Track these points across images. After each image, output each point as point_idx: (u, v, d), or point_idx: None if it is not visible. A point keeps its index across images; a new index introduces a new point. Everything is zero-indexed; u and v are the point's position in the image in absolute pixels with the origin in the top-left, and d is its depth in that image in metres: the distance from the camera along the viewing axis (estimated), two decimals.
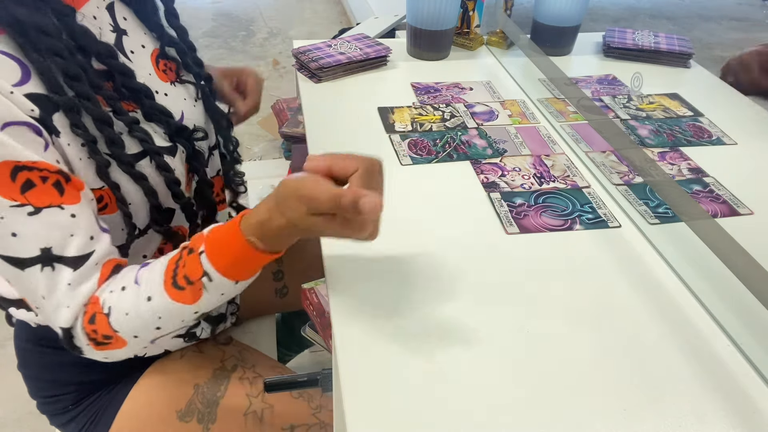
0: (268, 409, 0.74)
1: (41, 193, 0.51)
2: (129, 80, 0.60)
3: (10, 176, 0.49)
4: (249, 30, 3.39)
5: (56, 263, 0.52)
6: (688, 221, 0.66)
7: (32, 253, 0.51)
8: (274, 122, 2.13)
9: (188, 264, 0.53)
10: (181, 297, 0.53)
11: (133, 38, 0.64)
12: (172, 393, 0.72)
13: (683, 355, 0.55)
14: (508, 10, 1.18)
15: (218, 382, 0.74)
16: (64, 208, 0.52)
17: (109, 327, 0.54)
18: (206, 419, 0.71)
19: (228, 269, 0.52)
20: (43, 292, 0.53)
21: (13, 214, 0.50)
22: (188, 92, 0.70)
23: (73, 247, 0.53)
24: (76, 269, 0.53)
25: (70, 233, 0.52)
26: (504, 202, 0.74)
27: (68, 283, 0.53)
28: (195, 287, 0.53)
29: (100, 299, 0.54)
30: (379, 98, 0.97)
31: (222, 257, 0.52)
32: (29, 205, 0.50)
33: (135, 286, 0.54)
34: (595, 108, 0.95)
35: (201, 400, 0.72)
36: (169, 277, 0.53)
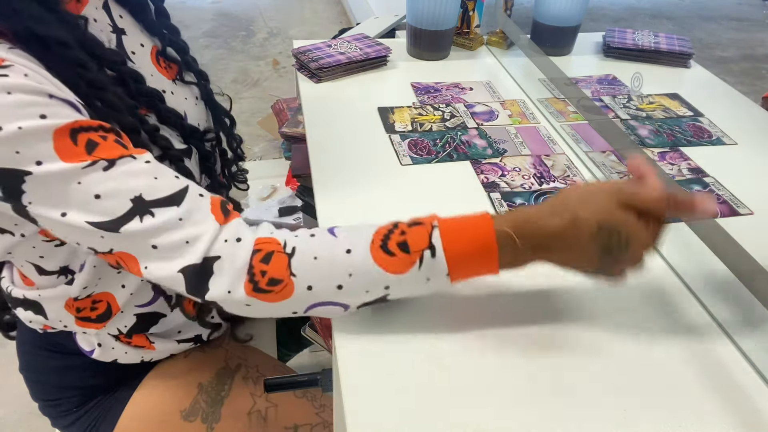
0: (272, 408, 0.74)
1: (108, 148, 0.48)
2: (141, 85, 0.59)
3: (71, 139, 0.47)
4: (249, 30, 3.39)
5: (153, 208, 0.48)
6: (688, 221, 0.66)
7: (124, 207, 0.48)
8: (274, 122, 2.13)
9: (411, 233, 0.50)
10: (386, 262, 0.49)
11: (132, 37, 0.63)
12: (176, 393, 0.72)
13: (683, 355, 0.55)
14: (508, 10, 1.18)
15: (222, 381, 0.74)
16: (135, 157, 0.49)
17: (286, 269, 0.49)
18: (210, 419, 0.71)
19: (456, 255, 0.49)
20: (153, 241, 0.48)
21: (88, 175, 0.47)
22: (190, 91, 0.69)
23: (164, 188, 0.49)
24: (180, 205, 0.49)
25: (153, 177, 0.49)
26: (504, 202, 0.74)
27: (179, 219, 0.49)
28: (409, 258, 0.49)
29: (280, 238, 0.50)
30: (379, 98, 0.97)
31: (457, 241, 0.49)
32: (102, 160, 0.47)
33: (329, 236, 0.51)
34: (595, 108, 0.95)
35: (205, 400, 0.72)
36: (379, 239, 0.50)
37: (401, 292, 0.52)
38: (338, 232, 0.52)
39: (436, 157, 0.82)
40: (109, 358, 0.70)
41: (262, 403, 0.73)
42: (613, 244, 0.49)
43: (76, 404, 0.73)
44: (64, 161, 0.46)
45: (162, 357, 0.74)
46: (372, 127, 0.89)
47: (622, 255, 0.49)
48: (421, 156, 0.83)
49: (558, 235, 0.49)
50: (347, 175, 0.78)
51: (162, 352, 0.73)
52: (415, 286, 0.51)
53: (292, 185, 2.00)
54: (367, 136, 0.87)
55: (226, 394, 0.73)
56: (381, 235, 0.50)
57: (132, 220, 0.48)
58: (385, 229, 0.51)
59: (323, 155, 0.82)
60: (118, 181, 0.48)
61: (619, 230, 0.48)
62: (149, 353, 0.72)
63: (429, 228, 0.50)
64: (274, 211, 1.94)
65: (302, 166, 1.36)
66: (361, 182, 0.77)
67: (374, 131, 0.88)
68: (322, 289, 0.50)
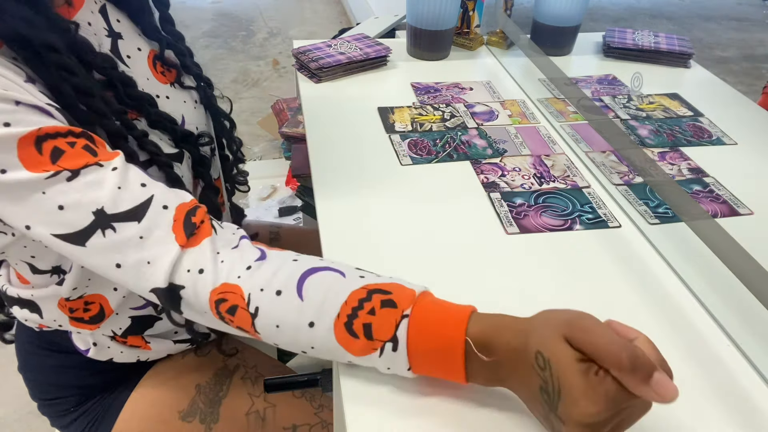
0: (270, 408, 0.74)
1: (73, 157, 0.47)
2: (131, 90, 0.58)
3: (35, 148, 0.46)
4: (249, 30, 3.39)
5: (114, 222, 0.47)
6: (688, 221, 0.66)
7: (87, 220, 0.47)
8: (274, 122, 2.13)
9: (379, 317, 0.45)
10: (347, 342, 0.46)
11: (128, 42, 0.62)
12: (174, 393, 0.72)
13: (683, 355, 0.55)
14: (508, 10, 1.18)
15: (220, 381, 0.74)
16: (102, 164, 0.48)
17: (251, 326, 0.48)
18: (209, 419, 0.71)
19: (420, 356, 0.45)
20: (117, 260, 0.48)
21: (52, 185, 0.46)
22: (189, 95, 0.69)
23: (127, 200, 0.48)
24: (141, 220, 0.48)
25: (117, 186, 0.48)
26: (504, 202, 0.74)
27: (139, 237, 0.47)
28: (371, 345, 0.45)
29: (244, 291, 0.48)
30: (379, 98, 0.97)
31: (422, 342, 0.44)
32: (65, 170, 0.46)
33: (297, 299, 0.47)
34: (595, 108, 0.95)
35: (203, 400, 0.72)
36: (346, 315, 0.46)
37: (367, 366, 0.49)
38: (307, 290, 0.47)
39: (436, 157, 0.82)
40: (105, 357, 0.70)
41: (261, 404, 0.73)
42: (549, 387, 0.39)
43: (74, 404, 0.73)
44: (29, 170, 0.45)
45: (158, 357, 0.74)
46: (372, 127, 0.89)
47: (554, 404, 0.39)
48: (421, 156, 0.83)
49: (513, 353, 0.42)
50: (347, 175, 0.78)
51: (158, 352, 0.73)
52: (377, 367, 0.48)
53: (292, 185, 2.00)
54: (367, 136, 0.87)
55: (224, 395, 0.73)
56: (350, 309, 0.46)
57: (94, 234, 0.47)
58: (356, 301, 0.46)
59: (323, 155, 0.82)
60: (81, 193, 0.47)
61: (551, 366, 0.39)
62: (145, 353, 0.72)
63: (398, 317, 0.45)
64: (274, 211, 1.94)
65: (302, 166, 1.36)
66: (361, 182, 0.77)
67: (374, 131, 0.88)
68: (288, 348, 0.49)
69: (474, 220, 0.71)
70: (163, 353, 0.74)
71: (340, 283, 0.48)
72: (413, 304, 0.45)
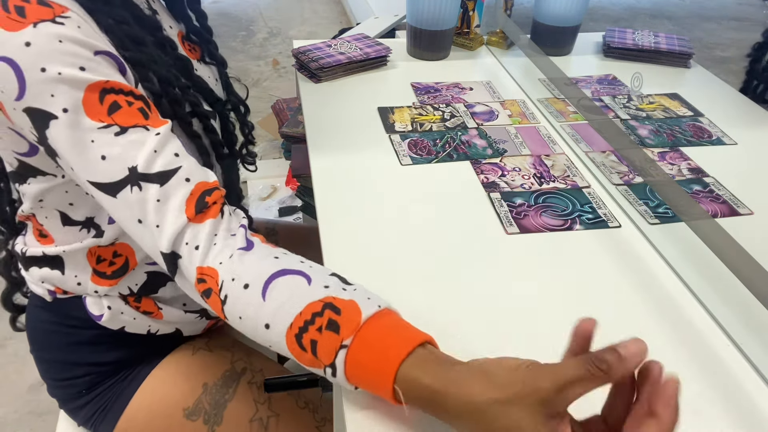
0: (274, 417, 0.74)
1: (127, 114, 0.51)
2: (174, 51, 0.64)
3: (98, 98, 0.50)
4: (249, 30, 3.39)
5: (143, 181, 0.51)
6: (688, 221, 0.66)
7: (121, 174, 0.51)
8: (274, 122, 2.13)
9: (324, 338, 0.46)
10: (297, 353, 0.48)
11: (162, 18, 0.68)
12: (181, 390, 0.72)
13: (683, 355, 0.55)
14: (508, 10, 1.18)
15: (227, 384, 0.74)
16: (149, 129, 0.52)
17: (221, 311, 0.51)
18: (212, 420, 0.72)
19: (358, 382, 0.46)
20: (138, 215, 0.52)
21: (101, 135, 0.50)
22: (211, 72, 0.74)
23: (158, 164, 0.52)
24: (162, 185, 0.52)
25: (153, 150, 0.52)
26: (504, 202, 0.74)
27: (156, 200, 0.51)
28: (316, 362, 0.47)
29: (219, 278, 0.50)
30: (379, 98, 0.97)
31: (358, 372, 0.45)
32: (116, 125, 0.51)
33: (259, 298, 0.49)
34: (595, 108, 0.95)
35: (209, 401, 0.72)
36: (297, 326, 0.47)
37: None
38: (271, 292, 0.49)
39: (436, 157, 0.82)
40: (117, 326, 0.70)
41: (264, 412, 0.74)
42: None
43: (86, 386, 0.73)
44: (87, 116, 0.50)
45: (168, 330, 0.74)
46: (372, 127, 0.89)
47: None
48: (421, 156, 0.83)
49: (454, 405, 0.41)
50: (347, 175, 0.78)
51: (169, 324, 0.73)
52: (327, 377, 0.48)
53: (292, 185, 2.00)
54: (367, 136, 0.87)
55: (230, 398, 0.73)
56: (302, 321, 0.47)
57: (125, 188, 0.51)
58: (309, 314, 0.47)
59: (323, 155, 0.82)
60: (124, 148, 0.51)
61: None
62: (156, 323, 0.72)
63: (338, 345, 0.45)
64: (274, 211, 1.94)
65: (302, 166, 1.36)
66: (361, 182, 0.77)
67: (374, 131, 0.88)
68: (252, 337, 0.51)
69: (474, 220, 0.71)
70: (173, 326, 0.74)
71: (302, 290, 0.49)
72: (355, 333, 0.45)
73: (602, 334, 0.57)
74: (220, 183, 0.65)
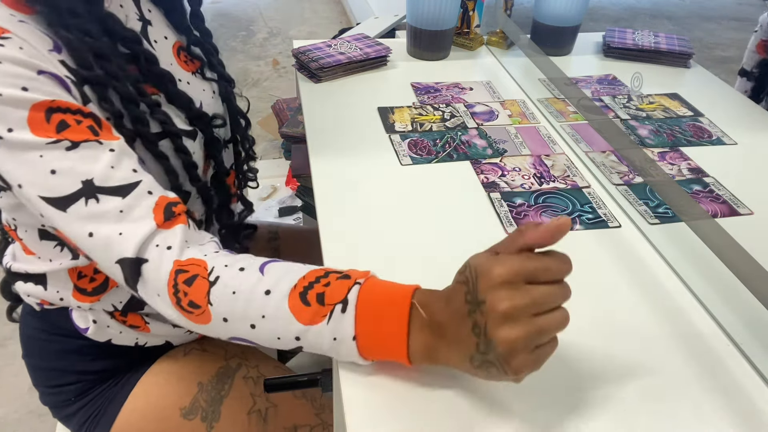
0: (272, 408, 0.74)
1: (77, 131, 0.50)
2: (153, 66, 0.61)
3: (44, 117, 0.49)
4: (249, 30, 3.39)
5: (100, 194, 0.50)
6: (688, 221, 0.66)
7: (73, 187, 0.50)
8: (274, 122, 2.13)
9: (333, 286, 0.47)
10: (299, 311, 0.47)
11: (157, 29, 0.66)
12: (176, 391, 0.72)
13: (683, 355, 0.55)
14: (508, 10, 1.18)
15: (222, 380, 0.74)
16: (102, 143, 0.51)
17: (205, 296, 0.49)
18: (210, 417, 0.71)
19: (366, 314, 0.46)
20: (90, 228, 0.50)
21: (50, 150, 0.49)
22: (209, 86, 0.72)
23: (116, 178, 0.51)
24: (125, 197, 0.51)
25: (110, 165, 0.51)
26: (504, 202, 0.74)
27: (119, 211, 0.50)
28: (322, 310, 0.47)
29: (208, 264, 0.50)
30: (379, 98, 0.97)
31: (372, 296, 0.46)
32: (66, 140, 0.50)
33: (258, 273, 0.49)
34: (595, 108, 0.95)
35: (205, 399, 0.72)
36: (302, 286, 0.48)
37: (312, 348, 0.49)
38: (269, 269, 0.50)
39: (436, 157, 0.82)
40: (104, 338, 0.70)
41: (262, 403, 0.73)
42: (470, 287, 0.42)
43: (76, 393, 0.73)
44: (33, 133, 0.49)
45: (157, 343, 0.74)
46: (372, 127, 0.89)
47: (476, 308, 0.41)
48: (421, 156, 0.83)
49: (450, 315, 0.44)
50: (347, 175, 0.78)
51: (157, 337, 0.73)
52: (323, 343, 0.47)
53: (292, 185, 2.00)
54: (367, 136, 0.87)
55: (226, 393, 0.73)
56: (307, 281, 0.48)
57: (77, 201, 0.50)
58: (314, 276, 0.49)
59: (323, 155, 0.82)
60: (76, 162, 0.50)
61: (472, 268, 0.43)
62: (144, 336, 0.72)
63: (351, 284, 0.47)
64: (274, 211, 1.94)
65: (302, 166, 1.36)
66: (361, 182, 0.77)
67: (374, 131, 0.88)
68: (236, 325, 0.49)
69: (474, 220, 0.71)
70: (162, 338, 0.74)
71: (300, 266, 0.51)
72: (367, 277, 0.48)
73: (602, 334, 0.57)
74: (198, 206, 0.66)
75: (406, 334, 0.45)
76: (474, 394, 0.50)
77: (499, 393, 0.50)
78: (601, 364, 0.54)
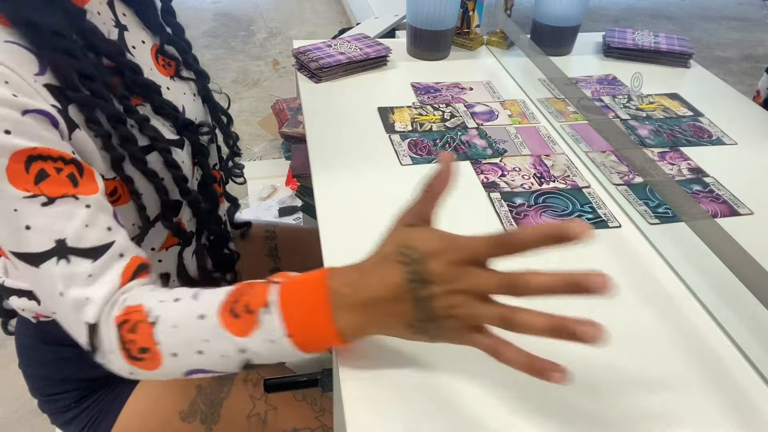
0: (272, 411, 0.74)
1: (55, 183, 0.49)
2: (137, 76, 0.60)
3: (24, 167, 0.48)
4: (249, 30, 3.39)
5: (72, 255, 0.49)
6: (688, 221, 0.66)
7: (46, 246, 0.49)
8: (274, 122, 2.13)
9: (254, 292, 0.48)
10: (232, 325, 0.47)
11: (133, 34, 0.65)
12: (175, 393, 0.72)
13: (683, 355, 0.55)
14: (508, 10, 1.18)
15: (221, 383, 0.74)
16: (78, 198, 0.50)
17: (151, 338, 0.48)
18: (209, 420, 0.71)
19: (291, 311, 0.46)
20: (61, 288, 0.50)
21: (26, 206, 0.48)
22: (188, 87, 0.71)
23: (90, 239, 0.50)
24: (96, 260, 0.50)
25: (84, 224, 0.50)
26: (504, 202, 0.74)
27: (89, 275, 0.50)
28: (250, 318, 0.47)
29: (145, 307, 0.49)
30: (379, 98, 0.97)
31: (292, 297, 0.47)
32: (42, 195, 0.48)
33: (192, 300, 0.50)
34: (595, 108, 0.95)
35: (204, 401, 0.72)
36: (231, 301, 0.48)
37: (261, 358, 0.49)
38: (201, 294, 0.50)
39: (436, 157, 0.82)
40: None
41: (262, 406, 0.73)
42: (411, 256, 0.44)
43: (74, 399, 0.72)
44: (11, 184, 0.47)
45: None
46: (372, 127, 0.89)
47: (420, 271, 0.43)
48: (421, 156, 0.83)
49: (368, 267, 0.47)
50: (347, 175, 0.78)
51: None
52: (266, 350, 0.47)
53: (292, 185, 2.00)
54: (367, 136, 0.87)
55: (225, 396, 0.73)
56: (235, 296, 0.48)
57: (50, 259, 0.49)
58: (241, 289, 0.49)
59: (323, 155, 0.82)
60: (51, 220, 0.49)
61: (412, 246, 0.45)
62: None
63: (270, 285, 0.48)
64: (274, 211, 1.94)
65: (302, 166, 1.36)
66: (361, 182, 0.77)
67: (374, 131, 0.88)
68: (186, 357, 0.49)
69: (474, 220, 0.71)
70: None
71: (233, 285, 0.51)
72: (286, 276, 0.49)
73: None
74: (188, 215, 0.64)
75: (331, 318, 0.46)
76: (475, 394, 0.50)
77: (500, 393, 0.50)
78: (601, 364, 0.54)
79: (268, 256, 0.98)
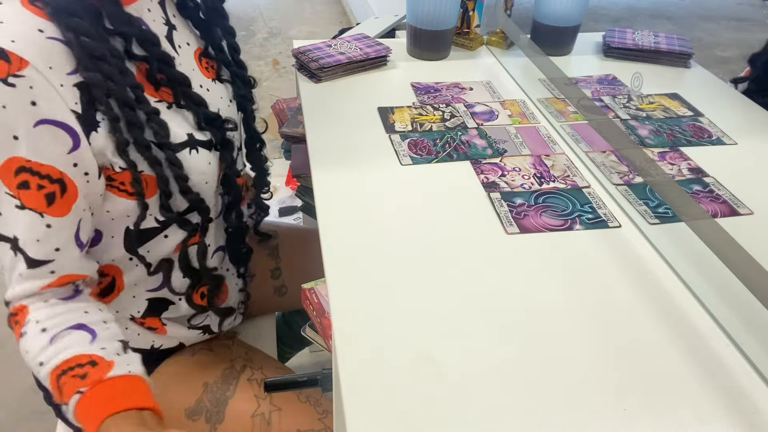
0: (276, 412, 0.74)
1: (31, 197, 0.54)
2: (167, 67, 0.62)
3: (14, 172, 0.53)
4: (249, 30, 3.39)
5: (19, 253, 0.56)
6: (688, 221, 0.66)
7: (8, 233, 0.56)
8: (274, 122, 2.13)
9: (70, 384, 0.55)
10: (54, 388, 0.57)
11: (181, 34, 0.67)
12: (181, 390, 0.72)
13: (683, 355, 0.55)
14: (508, 10, 1.18)
15: (227, 382, 0.74)
16: (44, 216, 0.55)
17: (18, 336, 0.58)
18: (214, 419, 0.71)
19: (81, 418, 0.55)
20: (5, 265, 0.58)
21: (5, 198, 0.54)
22: (226, 91, 0.73)
23: (35, 251, 0.56)
24: (30, 268, 0.57)
25: (36, 239, 0.56)
26: (504, 202, 0.74)
27: (19, 274, 0.57)
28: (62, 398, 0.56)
29: (28, 315, 0.58)
30: (379, 98, 0.97)
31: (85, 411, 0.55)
32: (18, 199, 0.54)
33: (48, 343, 0.57)
34: (595, 108, 0.95)
35: (210, 399, 0.72)
36: (61, 369, 0.56)
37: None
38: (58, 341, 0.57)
39: (436, 157, 0.82)
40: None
41: (266, 407, 0.74)
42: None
43: None
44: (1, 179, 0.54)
45: (171, 345, 0.74)
46: (372, 127, 0.89)
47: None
48: (421, 156, 0.83)
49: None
50: (347, 175, 0.78)
51: (172, 339, 0.73)
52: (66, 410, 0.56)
53: (292, 185, 2.00)
54: (367, 136, 0.87)
55: (231, 395, 0.73)
56: (66, 366, 0.56)
57: (7, 243, 0.56)
58: (74, 363, 0.56)
59: (323, 155, 0.82)
60: (18, 219, 0.55)
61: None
62: (160, 338, 0.72)
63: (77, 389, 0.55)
64: (274, 211, 1.94)
65: (302, 166, 1.36)
66: (361, 182, 0.77)
67: (374, 131, 0.88)
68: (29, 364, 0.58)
69: (474, 220, 0.71)
70: (176, 340, 0.74)
71: (81, 345, 0.57)
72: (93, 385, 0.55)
73: (603, 335, 0.57)
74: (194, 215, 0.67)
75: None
76: (475, 395, 0.50)
77: (499, 394, 0.50)
78: (601, 364, 0.54)
79: (268, 256, 0.99)
